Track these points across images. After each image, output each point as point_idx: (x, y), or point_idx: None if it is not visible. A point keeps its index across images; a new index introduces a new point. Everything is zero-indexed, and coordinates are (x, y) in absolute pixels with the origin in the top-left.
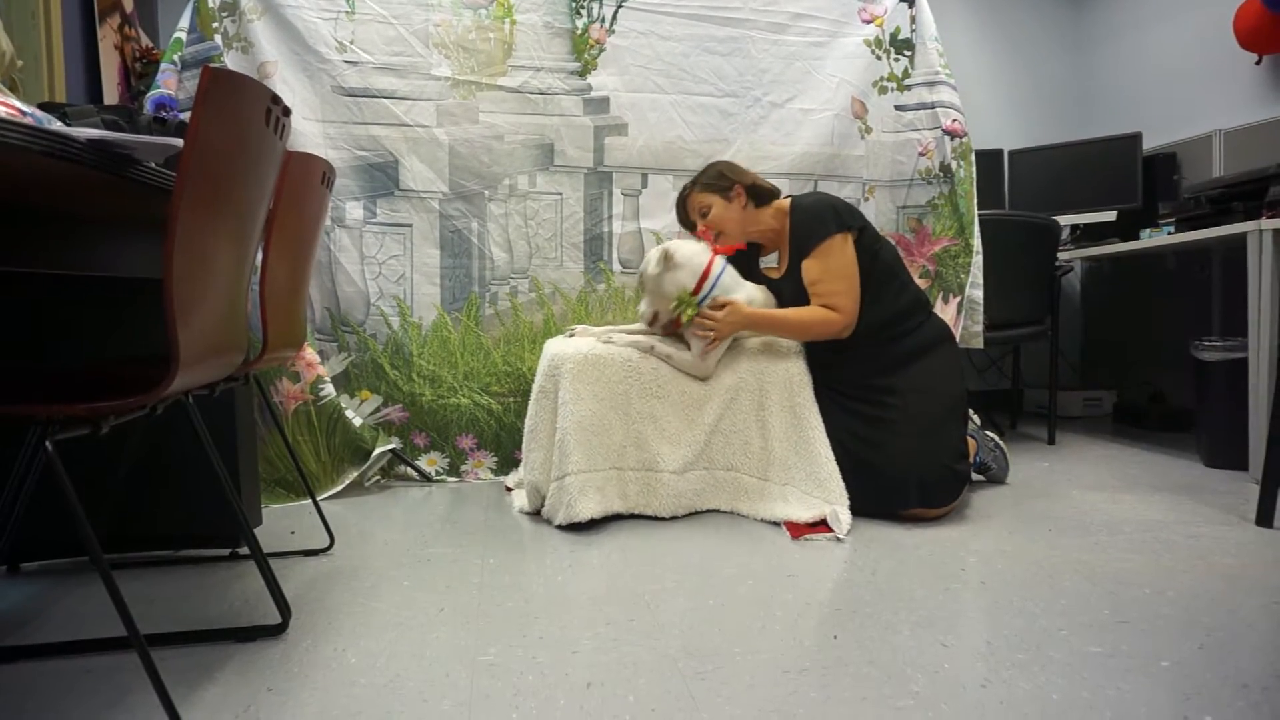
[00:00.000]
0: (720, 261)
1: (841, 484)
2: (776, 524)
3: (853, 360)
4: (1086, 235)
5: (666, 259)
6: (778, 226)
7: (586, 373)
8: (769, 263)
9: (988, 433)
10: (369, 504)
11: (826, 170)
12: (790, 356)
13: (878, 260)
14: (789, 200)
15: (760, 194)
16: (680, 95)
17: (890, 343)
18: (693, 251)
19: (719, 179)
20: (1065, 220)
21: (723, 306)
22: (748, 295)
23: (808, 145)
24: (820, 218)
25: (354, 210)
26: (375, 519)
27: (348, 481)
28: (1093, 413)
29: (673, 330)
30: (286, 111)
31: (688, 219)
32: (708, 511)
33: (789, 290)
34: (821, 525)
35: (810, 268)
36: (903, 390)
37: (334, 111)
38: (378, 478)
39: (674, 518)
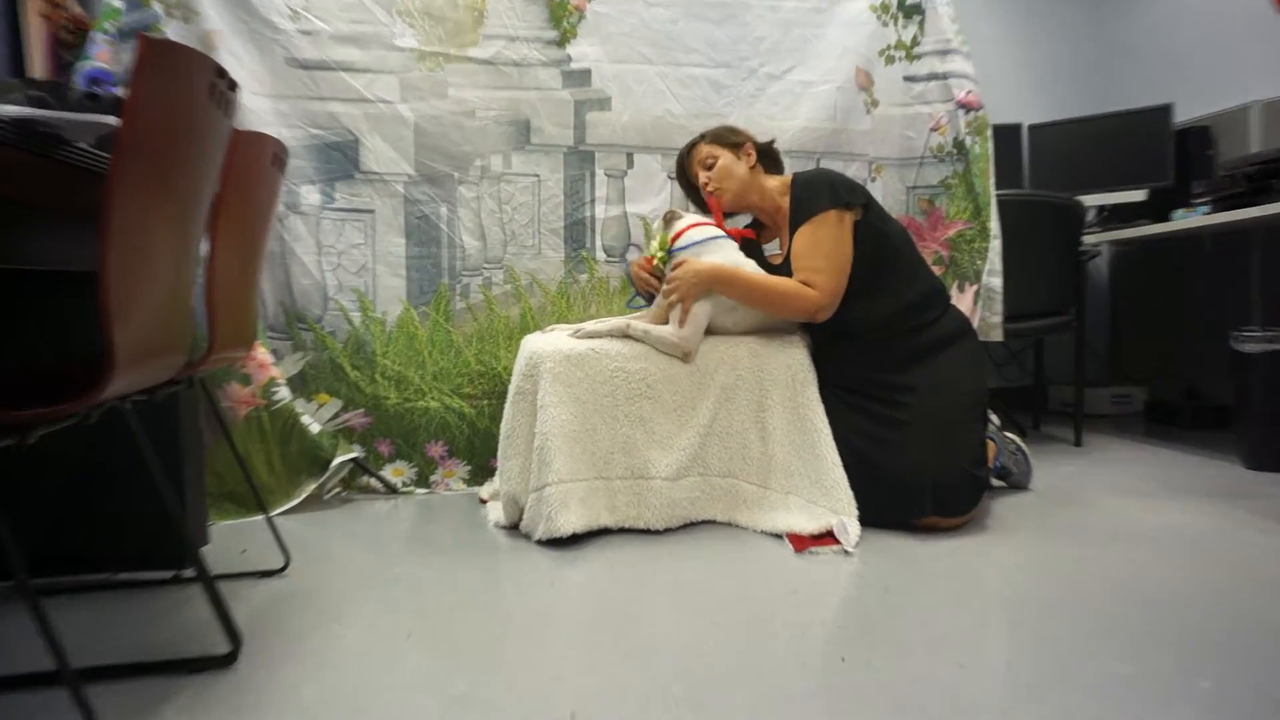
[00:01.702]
0: (712, 233)
1: (849, 492)
2: (778, 536)
3: (862, 355)
4: (1114, 217)
5: (668, 219)
6: (780, 204)
7: (568, 372)
8: (774, 250)
9: (1008, 434)
10: (328, 519)
11: (829, 147)
12: (792, 350)
13: (887, 244)
14: (791, 176)
15: (772, 160)
16: (668, 66)
17: (904, 336)
18: (696, 216)
19: (731, 133)
20: (1090, 200)
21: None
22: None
23: (808, 120)
24: (816, 190)
25: (310, 195)
26: (335, 536)
27: (305, 495)
28: (1122, 411)
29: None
30: (234, 86)
31: (688, 178)
32: (703, 523)
33: (788, 275)
34: (827, 537)
35: (798, 240)
36: (917, 388)
37: (287, 86)
38: (338, 490)
39: (667, 530)
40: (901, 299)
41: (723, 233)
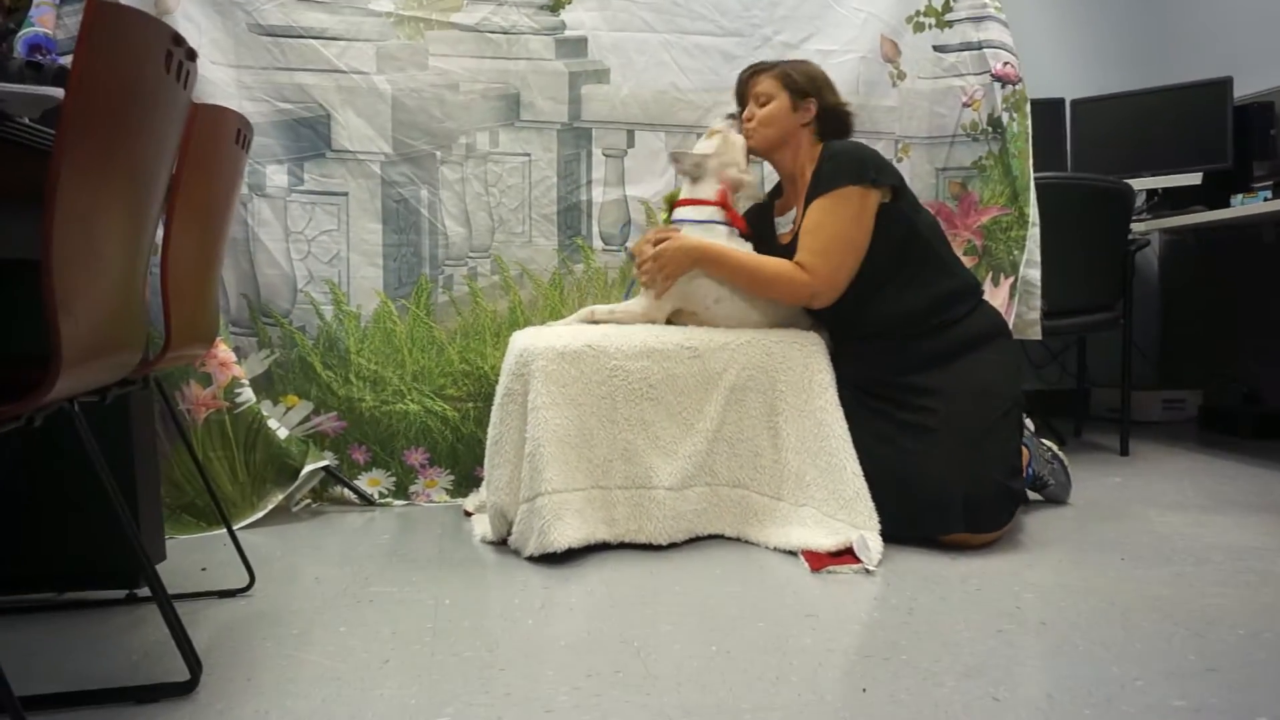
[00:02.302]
0: (709, 215)
1: (871, 504)
2: (793, 553)
3: (886, 354)
4: (1165, 202)
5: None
6: (806, 171)
7: (562, 371)
8: (784, 227)
9: (1044, 441)
10: (297, 534)
11: (851, 106)
12: (809, 348)
13: (916, 234)
14: (823, 144)
15: (836, 126)
16: (673, 34)
17: (932, 334)
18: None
19: (805, 79)
20: (1140, 184)
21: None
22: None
23: None
24: (840, 164)
25: (276, 175)
26: (305, 552)
27: (271, 506)
28: (1174, 417)
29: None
30: (192, 55)
31: (745, 97)
32: (710, 537)
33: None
34: (846, 555)
35: (808, 216)
36: (946, 391)
37: (251, 55)
38: (308, 501)
39: (671, 545)
40: (929, 293)
41: (721, 219)
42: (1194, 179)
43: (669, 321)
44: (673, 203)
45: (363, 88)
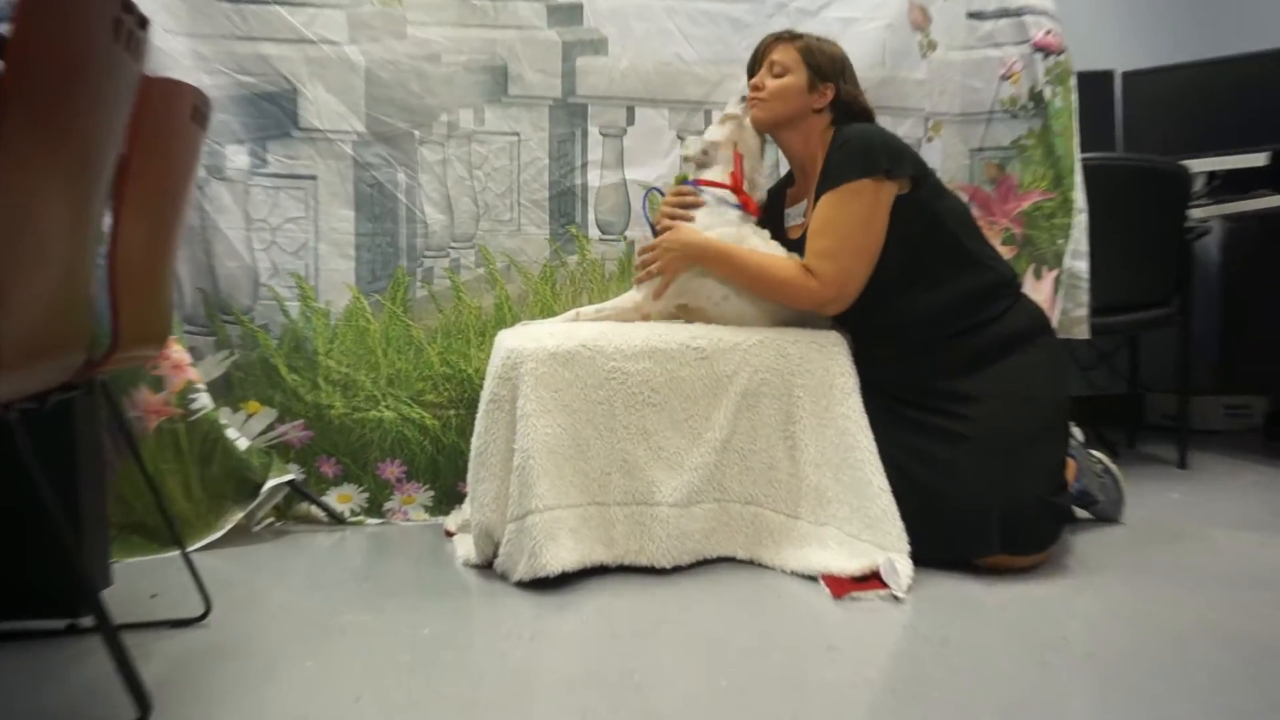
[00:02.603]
0: (725, 196)
1: (899, 523)
2: (812, 578)
3: (914, 356)
4: (1227, 185)
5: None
6: (818, 159)
7: (554, 374)
8: (795, 219)
9: (1093, 453)
10: (259, 556)
11: (875, 100)
12: (829, 349)
13: (939, 226)
14: (834, 131)
15: (847, 115)
16: (678, 0)
17: (965, 334)
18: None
19: (827, 61)
20: (1198, 166)
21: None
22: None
23: None
24: (850, 154)
25: (237, 157)
26: (267, 576)
27: (229, 526)
28: (1237, 425)
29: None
30: (143, 23)
31: (759, 66)
32: (720, 560)
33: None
34: (872, 579)
35: (817, 213)
36: (983, 397)
37: (208, 23)
38: (270, 520)
39: (675, 569)
40: (961, 289)
41: (733, 202)
42: (1259, 159)
43: (671, 318)
44: (686, 181)
45: (333, 59)
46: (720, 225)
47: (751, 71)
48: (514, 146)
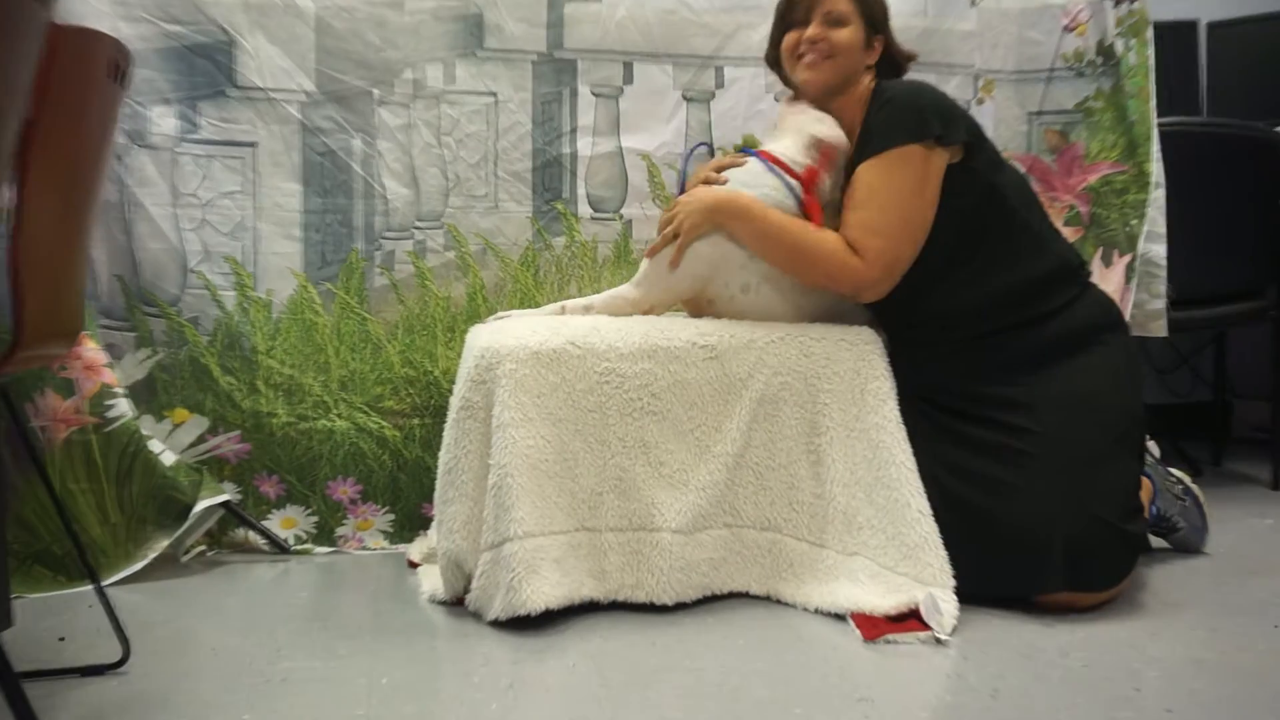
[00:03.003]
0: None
1: (942, 553)
2: (840, 617)
3: (960, 356)
4: None
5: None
6: (857, 120)
7: (537, 376)
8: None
9: (1173, 472)
10: (188, 590)
11: (917, 54)
12: (861, 347)
13: (996, 201)
14: (874, 87)
15: (890, 69)
16: None
17: (1021, 330)
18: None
19: (883, 14)
20: None
21: None
22: None
23: None
24: (897, 115)
25: (163, 120)
26: (197, 614)
27: (153, 555)
28: None
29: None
30: None
31: (802, 11)
32: (731, 596)
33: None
34: (911, 619)
35: (858, 180)
36: (1040, 404)
37: None
38: (201, 548)
39: (679, 606)
40: (1015, 277)
41: (796, 196)
42: None
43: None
44: (744, 149)
45: (278, 5)
46: (759, 188)
47: (787, 21)
48: (490, 109)
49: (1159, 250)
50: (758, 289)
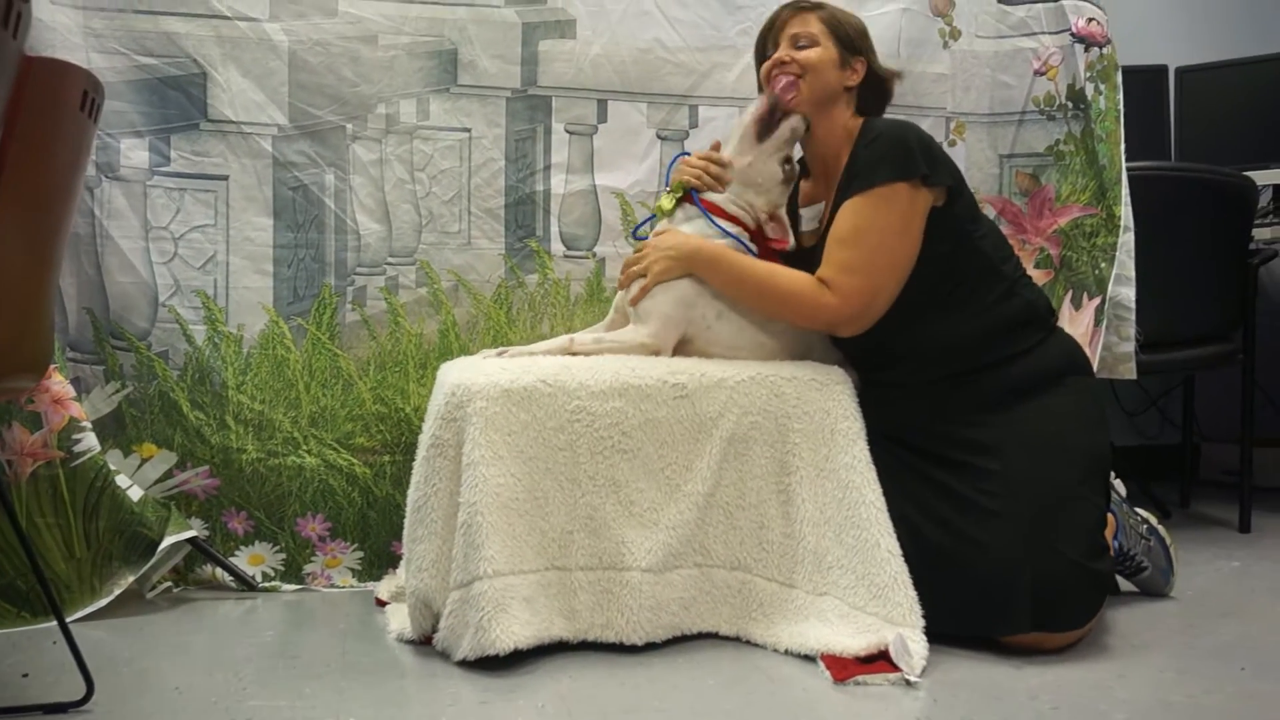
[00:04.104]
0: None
1: (912, 594)
2: (810, 658)
3: (928, 397)
4: None
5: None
6: (842, 152)
7: (508, 414)
8: (808, 224)
9: (1139, 511)
10: (153, 628)
11: (900, 72)
12: (831, 386)
13: (974, 248)
14: (862, 123)
15: (873, 101)
16: None
17: (988, 372)
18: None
19: (856, 33)
20: (1265, 178)
21: None
22: None
23: None
24: (884, 152)
25: (134, 152)
26: (163, 652)
27: (118, 591)
28: None
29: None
30: None
31: (771, 45)
32: (701, 636)
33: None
34: (880, 660)
35: (840, 218)
36: (1008, 445)
37: None
38: (168, 584)
39: (649, 646)
40: (986, 320)
41: (734, 235)
42: None
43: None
44: (689, 191)
45: (251, 39)
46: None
47: (762, 52)
48: (464, 145)
49: (1128, 293)
50: (729, 322)
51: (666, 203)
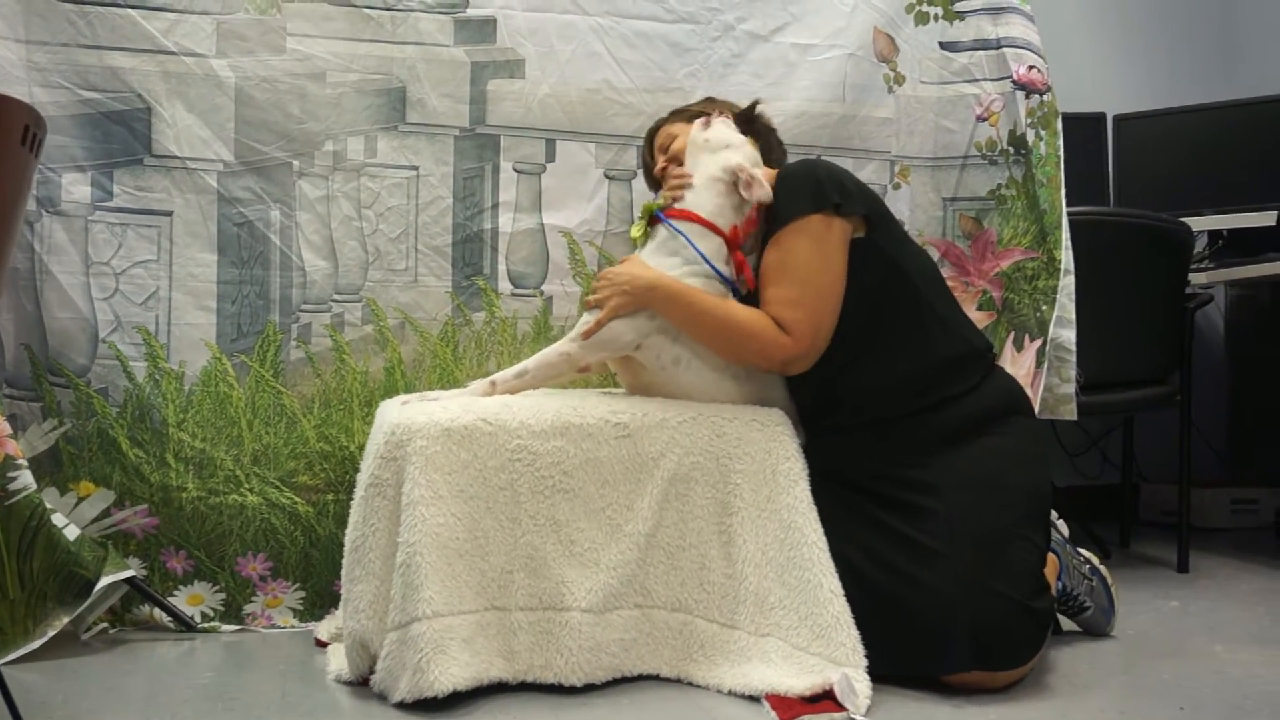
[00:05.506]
0: (715, 251)
1: (854, 633)
2: (754, 698)
3: (869, 439)
4: (1232, 247)
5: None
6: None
7: (448, 454)
8: None
9: (1081, 551)
10: (88, 670)
11: (835, 140)
12: (772, 427)
13: (900, 278)
14: (776, 171)
15: (768, 147)
16: (609, 18)
17: (927, 413)
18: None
19: (705, 104)
20: (1200, 224)
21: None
22: None
23: (806, 101)
24: (794, 189)
25: (76, 187)
26: (97, 695)
27: (53, 632)
28: (1246, 523)
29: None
30: None
31: (651, 160)
32: (642, 678)
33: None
34: (826, 700)
35: (765, 258)
36: (947, 485)
37: (45, 27)
38: (104, 625)
39: (589, 687)
40: (924, 360)
41: (721, 268)
42: (1269, 218)
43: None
44: (654, 213)
45: (197, 74)
46: (675, 268)
47: (649, 172)
48: (412, 183)
49: (1069, 335)
50: (691, 362)
51: (635, 231)
